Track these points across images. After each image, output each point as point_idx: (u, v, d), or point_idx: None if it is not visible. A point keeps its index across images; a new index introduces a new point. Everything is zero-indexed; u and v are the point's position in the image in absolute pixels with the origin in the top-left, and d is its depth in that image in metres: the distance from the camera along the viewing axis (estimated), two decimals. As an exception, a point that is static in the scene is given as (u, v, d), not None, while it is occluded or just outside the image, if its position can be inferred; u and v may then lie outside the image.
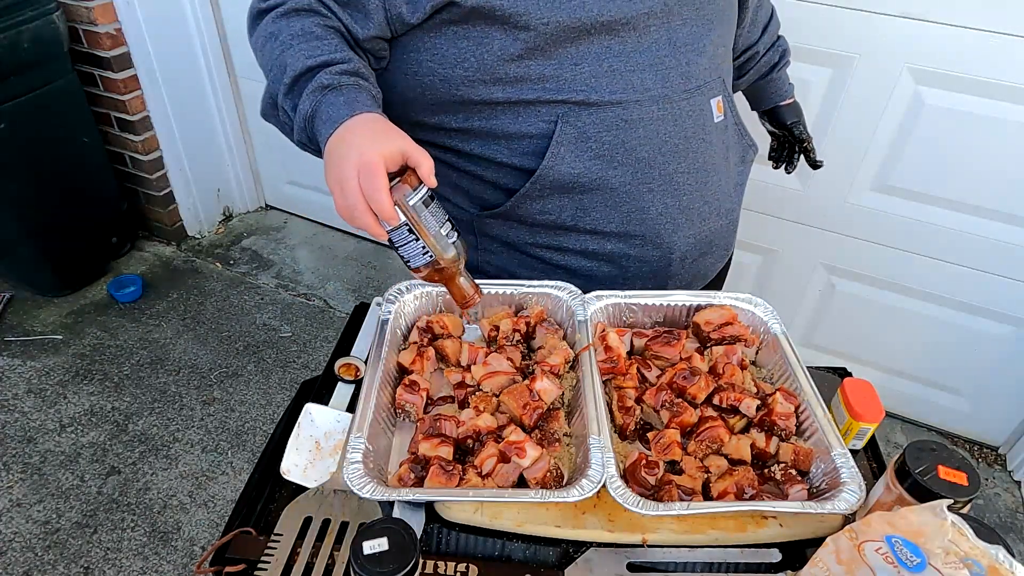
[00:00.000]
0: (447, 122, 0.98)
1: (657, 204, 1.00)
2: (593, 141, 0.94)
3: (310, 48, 0.86)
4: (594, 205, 0.99)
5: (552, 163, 0.95)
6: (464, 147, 1.00)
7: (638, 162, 0.97)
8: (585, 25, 0.88)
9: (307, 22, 0.89)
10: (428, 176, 0.79)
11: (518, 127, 0.95)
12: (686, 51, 0.95)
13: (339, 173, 0.78)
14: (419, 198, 0.79)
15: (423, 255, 0.82)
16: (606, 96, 0.92)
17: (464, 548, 0.79)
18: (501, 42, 0.88)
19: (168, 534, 1.86)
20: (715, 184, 1.05)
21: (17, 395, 2.21)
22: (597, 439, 0.80)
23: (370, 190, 0.76)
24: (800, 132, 1.26)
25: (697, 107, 0.99)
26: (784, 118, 1.27)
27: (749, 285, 2.22)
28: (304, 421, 0.91)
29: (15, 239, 2.40)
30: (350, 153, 0.77)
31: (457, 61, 0.90)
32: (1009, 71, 1.59)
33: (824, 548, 0.69)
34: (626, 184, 0.98)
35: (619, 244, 1.03)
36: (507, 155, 0.98)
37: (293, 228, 3.09)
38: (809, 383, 0.90)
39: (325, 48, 0.87)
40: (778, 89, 1.27)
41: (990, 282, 1.87)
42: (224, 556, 0.78)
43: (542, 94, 0.92)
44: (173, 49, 2.53)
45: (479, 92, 0.92)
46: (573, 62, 0.90)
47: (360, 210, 0.77)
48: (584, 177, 0.96)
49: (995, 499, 2.07)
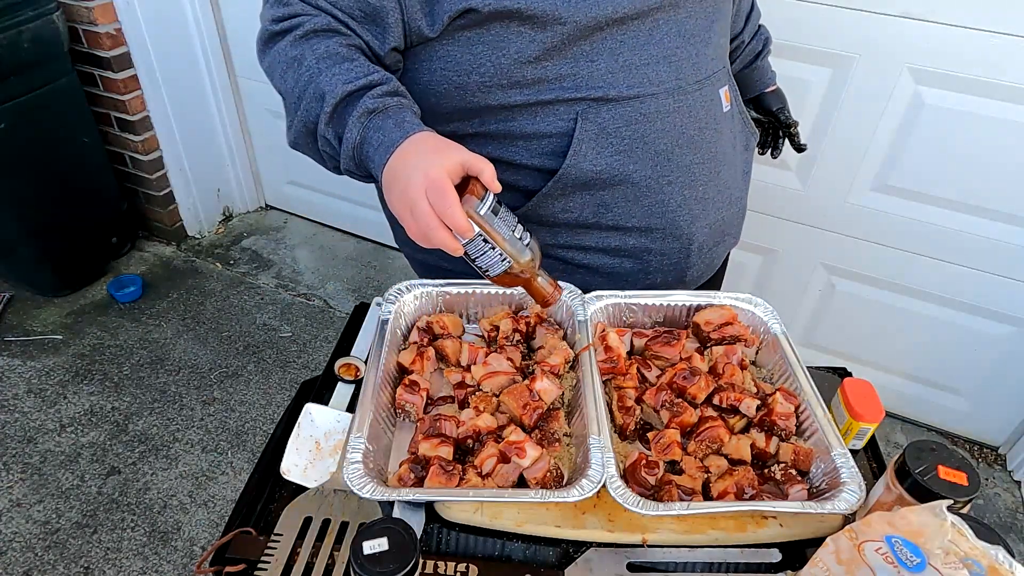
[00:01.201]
0: (462, 129, 0.97)
1: (676, 196, 1.01)
2: (613, 137, 0.95)
3: (344, 72, 0.84)
4: (616, 201, 1.00)
5: (575, 161, 0.95)
6: (481, 151, 0.98)
7: (657, 155, 0.97)
8: (600, 22, 0.88)
9: (331, 43, 0.86)
10: (491, 181, 0.79)
11: (537, 127, 0.94)
12: (695, 42, 0.96)
13: (407, 197, 0.77)
14: (488, 206, 0.79)
15: (501, 262, 0.82)
16: (624, 91, 0.92)
17: (464, 548, 0.79)
18: (518, 45, 0.87)
19: (168, 534, 1.86)
20: (727, 173, 1.07)
21: (17, 395, 2.21)
22: (597, 439, 0.80)
23: (442, 207, 0.75)
24: (786, 117, 1.28)
25: (708, 98, 1.00)
26: (770, 104, 1.28)
27: (749, 285, 2.22)
28: (304, 421, 0.91)
29: (15, 239, 2.40)
30: (414, 175, 0.77)
31: (473, 67, 0.90)
32: (1009, 71, 1.59)
33: (824, 548, 0.69)
34: (646, 178, 0.98)
35: (641, 238, 1.03)
36: (526, 156, 0.97)
37: (293, 228, 3.09)
38: (809, 383, 0.90)
39: (359, 70, 0.84)
40: (762, 77, 1.28)
41: (990, 282, 1.87)
42: (224, 556, 0.78)
43: (560, 93, 0.92)
44: (173, 49, 2.53)
45: (496, 97, 0.92)
46: (589, 59, 0.90)
47: (435, 228, 0.77)
48: (606, 173, 0.97)
49: (995, 499, 2.07)
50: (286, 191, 3.09)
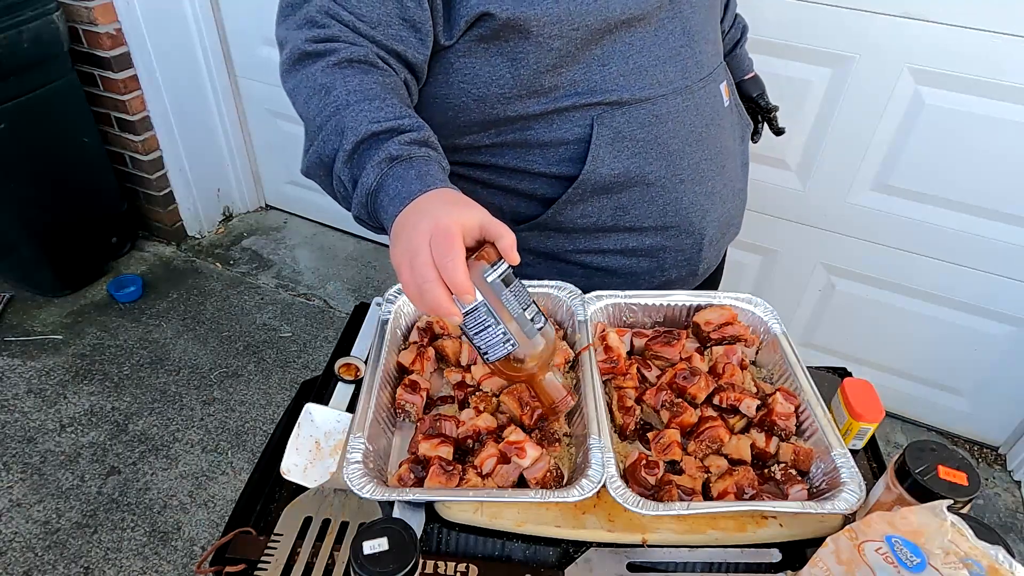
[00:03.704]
0: (479, 140, 0.97)
1: (688, 193, 1.02)
2: (628, 140, 0.95)
3: (373, 110, 0.76)
4: (632, 202, 1.00)
5: (593, 166, 0.95)
6: (497, 161, 0.99)
7: (670, 155, 0.98)
8: (609, 25, 0.88)
9: (366, 79, 0.79)
10: (509, 250, 0.69)
11: (553, 135, 0.94)
12: (697, 39, 0.98)
13: (409, 244, 0.67)
14: (499, 275, 0.70)
15: (503, 343, 0.71)
16: (636, 93, 0.93)
17: (464, 548, 0.79)
18: (536, 54, 0.87)
19: (168, 534, 1.86)
20: (730, 166, 1.09)
21: (17, 395, 2.21)
22: (597, 439, 0.80)
23: (444, 259, 0.65)
24: (766, 103, 1.28)
25: (711, 94, 1.01)
26: (749, 91, 1.29)
27: (749, 285, 2.22)
28: (304, 421, 0.91)
29: (15, 239, 2.40)
30: (422, 222, 0.68)
31: (492, 79, 0.89)
32: (1009, 71, 1.59)
33: (824, 548, 0.69)
34: (661, 178, 0.99)
35: (657, 237, 1.04)
36: (543, 164, 0.97)
37: (293, 228, 3.09)
38: (809, 383, 0.90)
39: (390, 111, 0.77)
40: (741, 64, 1.29)
41: (990, 282, 1.87)
42: (224, 556, 0.78)
43: (576, 100, 0.92)
44: (173, 49, 2.53)
45: (515, 108, 0.92)
46: (600, 63, 0.91)
47: (431, 282, 0.65)
48: (623, 176, 0.97)
49: (995, 499, 2.07)
50: (286, 191, 3.09)
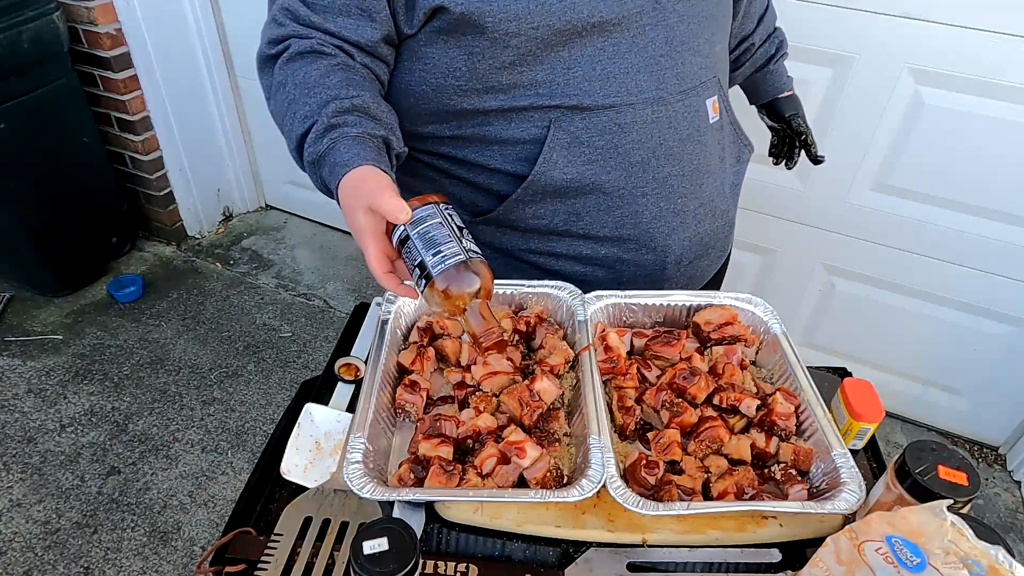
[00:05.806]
0: (440, 131, 0.98)
1: (651, 208, 0.99)
2: (586, 146, 0.94)
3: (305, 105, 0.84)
4: (587, 209, 0.99)
5: (544, 168, 0.94)
6: (457, 153, 0.99)
7: (631, 166, 0.96)
8: (576, 27, 0.86)
9: (310, 69, 0.86)
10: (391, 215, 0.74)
11: (511, 133, 0.94)
12: (682, 50, 0.94)
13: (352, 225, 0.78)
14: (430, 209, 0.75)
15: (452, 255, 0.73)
16: (599, 100, 0.91)
17: (464, 548, 0.79)
18: (492, 50, 0.87)
19: (168, 534, 1.86)
20: (710, 186, 1.04)
21: (17, 395, 2.21)
22: (597, 439, 0.80)
23: (372, 197, 0.75)
24: (798, 125, 1.24)
25: (692, 108, 0.97)
26: (782, 110, 1.25)
27: (749, 285, 2.22)
28: (304, 421, 0.91)
29: (15, 239, 2.40)
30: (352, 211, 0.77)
31: (449, 71, 0.90)
32: (1009, 71, 1.59)
33: (824, 548, 0.69)
34: (619, 188, 0.97)
35: (613, 248, 1.02)
36: (500, 161, 0.97)
37: (293, 228, 3.09)
38: (809, 383, 0.90)
39: (328, 94, 0.83)
40: (775, 82, 1.25)
41: (990, 282, 1.87)
42: (224, 556, 0.78)
43: (535, 100, 0.91)
44: (173, 49, 2.53)
45: (472, 102, 0.92)
46: (566, 66, 0.89)
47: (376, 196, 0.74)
48: (577, 182, 0.96)
49: (995, 499, 2.07)
50: (286, 191, 3.09)
